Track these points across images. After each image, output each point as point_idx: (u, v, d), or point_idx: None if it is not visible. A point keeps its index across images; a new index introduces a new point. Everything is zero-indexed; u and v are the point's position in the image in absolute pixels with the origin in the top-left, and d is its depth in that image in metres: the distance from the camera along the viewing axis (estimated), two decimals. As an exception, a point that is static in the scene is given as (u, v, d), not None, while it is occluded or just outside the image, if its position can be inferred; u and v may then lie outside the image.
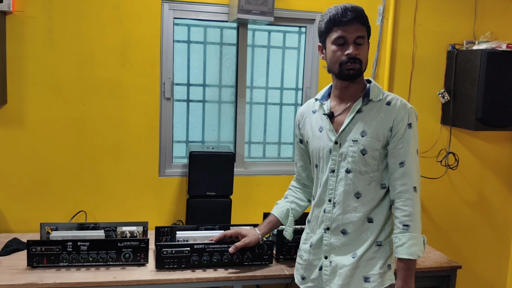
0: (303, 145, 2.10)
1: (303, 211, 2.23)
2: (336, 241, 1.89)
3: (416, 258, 1.79)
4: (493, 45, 3.03)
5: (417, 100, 3.17)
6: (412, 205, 1.78)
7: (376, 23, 3.11)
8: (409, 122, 1.82)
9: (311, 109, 2.04)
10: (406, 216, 1.79)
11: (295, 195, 2.21)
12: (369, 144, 1.82)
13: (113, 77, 2.75)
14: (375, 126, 1.83)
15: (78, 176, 2.77)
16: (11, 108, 2.65)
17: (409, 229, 1.78)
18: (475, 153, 3.38)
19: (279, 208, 2.19)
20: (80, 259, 2.18)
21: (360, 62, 1.81)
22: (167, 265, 2.23)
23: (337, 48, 1.82)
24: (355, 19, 1.79)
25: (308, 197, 2.20)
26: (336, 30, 1.81)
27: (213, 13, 2.90)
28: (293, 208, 2.18)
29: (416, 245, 1.77)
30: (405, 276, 1.80)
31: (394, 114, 1.82)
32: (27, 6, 2.59)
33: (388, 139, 1.83)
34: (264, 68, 3.16)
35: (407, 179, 1.80)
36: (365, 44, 1.83)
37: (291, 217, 2.17)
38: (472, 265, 3.47)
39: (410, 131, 1.82)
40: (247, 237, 2.21)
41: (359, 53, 1.80)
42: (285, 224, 2.18)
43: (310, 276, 1.98)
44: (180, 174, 2.94)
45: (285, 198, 2.23)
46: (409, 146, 1.81)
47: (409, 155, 1.80)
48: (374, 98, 1.86)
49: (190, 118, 3.06)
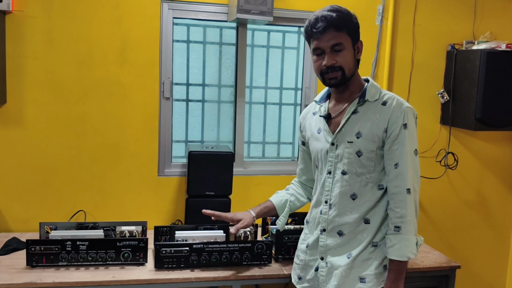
0: (305, 147, 2.10)
1: (300, 206, 2.22)
2: (332, 242, 1.89)
3: (406, 259, 1.78)
4: (492, 45, 3.03)
5: (416, 100, 3.17)
6: (404, 207, 1.77)
7: (375, 23, 3.11)
8: (404, 122, 1.79)
9: (311, 111, 2.04)
10: (398, 218, 1.78)
11: (296, 189, 2.22)
12: (364, 145, 1.81)
13: (112, 77, 2.75)
14: (370, 127, 1.81)
15: (77, 176, 2.77)
16: (11, 107, 2.65)
17: (400, 231, 1.77)
18: (475, 153, 3.39)
19: (278, 197, 2.19)
20: (79, 259, 2.18)
21: (341, 69, 1.80)
22: (166, 265, 2.23)
23: (316, 58, 1.83)
24: (327, 28, 1.76)
25: (308, 195, 2.20)
26: (313, 41, 1.82)
27: (213, 13, 2.90)
28: (292, 201, 2.18)
29: (406, 247, 1.77)
30: (394, 277, 1.80)
31: (389, 115, 1.80)
32: (26, 6, 2.59)
33: (384, 140, 1.81)
34: (263, 68, 3.16)
35: (400, 181, 1.78)
36: (346, 50, 1.79)
37: (287, 209, 2.17)
38: (471, 265, 3.47)
39: (405, 131, 1.79)
40: (244, 220, 2.14)
41: (338, 61, 1.78)
42: (280, 214, 2.17)
43: (306, 277, 1.99)
44: (179, 173, 2.94)
45: (286, 190, 2.24)
46: (404, 147, 1.78)
47: (403, 156, 1.78)
48: (370, 98, 1.84)
49: (190, 117, 3.07)
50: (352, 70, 1.83)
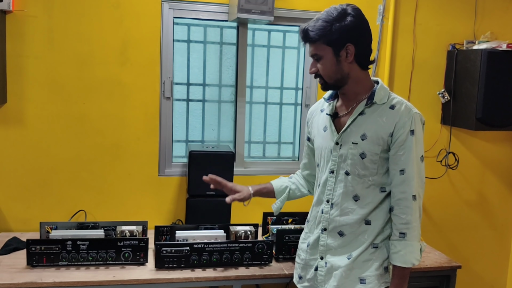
0: (310, 143, 2.09)
1: (300, 196, 2.21)
2: (333, 242, 1.88)
3: (410, 266, 1.78)
4: (493, 45, 3.03)
5: (417, 100, 3.17)
6: (410, 213, 1.77)
7: (376, 23, 3.11)
8: (412, 128, 1.77)
9: (320, 107, 2.04)
10: (403, 224, 1.78)
11: (299, 180, 2.21)
12: (368, 148, 1.81)
13: (113, 76, 2.75)
14: (375, 130, 1.80)
15: (78, 176, 2.77)
16: (11, 107, 2.65)
17: (405, 237, 1.77)
18: (475, 153, 3.38)
19: (280, 182, 2.19)
20: (79, 258, 2.18)
21: (320, 76, 1.85)
22: (166, 265, 2.23)
23: None
24: (304, 40, 1.84)
25: (309, 188, 2.19)
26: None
27: (213, 13, 2.90)
28: (292, 189, 2.18)
29: (411, 253, 1.77)
30: (397, 283, 1.80)
31: (396, 119, 1.78)
32: (27, 5, 2.59)
33: (389, 144, 1.80)
34: (264, 68, 3.15)
35: (406, 187, 1.78)
36: (324, 59, 1.81)
37: (285, 194, 2.16)
38: (472, 265, 3.47)
39: (413, 138, 1.77)
40: (241, 193, 2.11)
41: (318, 68, 1.84)
42: (277, 198, 2.16)
43: (307, 276, 1.98)
44: (180, 173, 2.94)
45: (290, 178, 2.23)
46: (410, 153, 1.77)
47: (410, 162, 1.77)
48: (378, 101, 1.83)
49: (190, 117, 3.06)
50: (334, 77, 1.82)
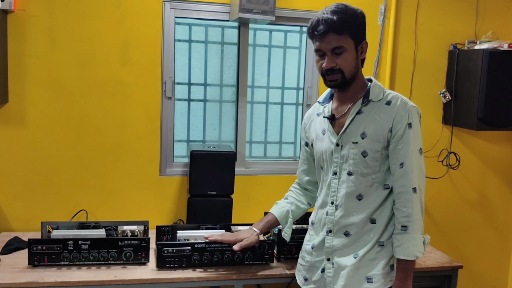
0: (308, 148, 2.08)
1: (302, 213, 2.21)
2: (339, 243, 1.88)
3: (414, 258, 1.78)
4: (494, 45, 3.02)
5: (418, 100, 3.16)
6: (410, 206, 1.77)
7: (377, 23, 3.10)
8: (409, 121, 1.79)
9: (316, 111, 2.04)
10: (404, 217, 1.78)
11: (295, 197, 2.20)
12: (369, 146, 1.81)
13: (114, 76, 2.75)
14: (375, 127, 1.81)
15: (79, 175, 2.77)
16: (13, 107, 2.65)
17: (407, 230, 1.77)
18: (477, 153, 3.38)
19: (279, 209, 2.16)
20: (81, 258, 2.18)
21: (340, 71, 1.79)
22: (168, 264, 2.22)
23: (318, 59, 1.84)
24: (327, 31, 1.75)
25: (308, 200, 2.19)
26: (314, 42, 1.82)
27: (214, 12, 2.90)
28: (293, 210, 2.16)
29: (414, 246, 1.77)
30: (403, 276, 1.80)
31: (394, 114, 1.80)
32: (28, 5, 2.59)
33: (389, 139, 1.81)
34: (265, 68, 3.15)
35: (406, 180, 1.78)
36: (347, 52, 1.78)
37: (290, 219, 2.15)
38: (474, 265, 3.47)
39: (410, 131, 1.79)
40: (248, 238, 2.11)
41: (338, 63, 1.78)
42: (284, 225, 2.15)
43: (313, 278, 1.98)
44: (181, 173, 2.94)
45: (285, 199, 2.21)
46: (408, 146, 1.78)
47: (408, 155, 1.78)
48: (374, 98, 1.84)
49: (191, 117, 3.06)
50: (352, 72, 1.82)
